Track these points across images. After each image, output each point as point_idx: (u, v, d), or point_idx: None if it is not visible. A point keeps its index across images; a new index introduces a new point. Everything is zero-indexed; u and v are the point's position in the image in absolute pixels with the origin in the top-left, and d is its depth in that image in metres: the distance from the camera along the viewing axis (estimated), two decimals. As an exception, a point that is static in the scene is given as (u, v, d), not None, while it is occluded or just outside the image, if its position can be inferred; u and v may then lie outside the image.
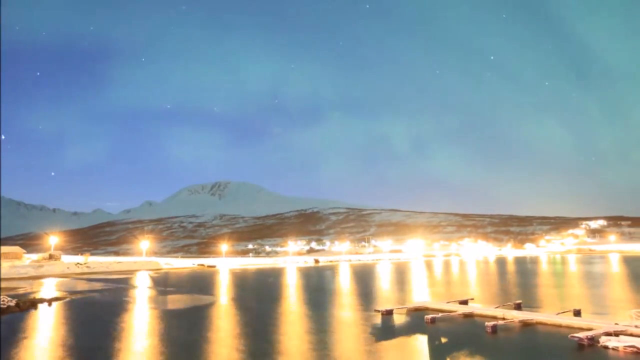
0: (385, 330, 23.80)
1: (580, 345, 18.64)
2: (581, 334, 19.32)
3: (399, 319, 27.42)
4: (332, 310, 32.52)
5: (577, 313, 26.84)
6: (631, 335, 19.52)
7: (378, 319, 27.11)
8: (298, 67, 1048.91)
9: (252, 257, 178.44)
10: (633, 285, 47.25)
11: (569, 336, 19.65)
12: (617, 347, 17.87)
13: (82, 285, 57.50)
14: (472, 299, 35.14)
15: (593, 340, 18.90)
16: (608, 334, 19.58)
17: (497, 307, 29.31)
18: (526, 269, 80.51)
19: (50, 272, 79.71)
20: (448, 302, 32.66)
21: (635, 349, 17.42)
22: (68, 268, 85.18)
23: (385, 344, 20.45)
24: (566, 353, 18.12)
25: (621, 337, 19.00)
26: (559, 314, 26.20)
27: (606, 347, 18.13)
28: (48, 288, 53.86)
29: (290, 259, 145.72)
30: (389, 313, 28.75)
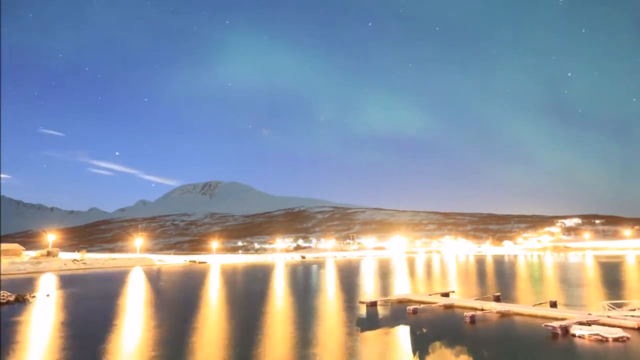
0: (370, 321, 24.62)
1: (554, 334, 19.61)
2: (555, 324, 20.34)
3: (382, 310, 28.31)
4: (318, 301, 33.32)
5: (553, 304, 27.92)
6: (604, 324, 20.58)
7: (363, 310, 28.00)
8: (287, 68, 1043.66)
9: (242, 254, 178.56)
10: (606, 280, 48.84)
11: (543, 325, 20.71)
12: (583, 335, 19.01)
13: (78, 281, 58.19)
14: (453, 291, 36.22)
15: (566, 329, 19.89)
16: (581, 323, 20.63)
17: (476, 299, 30.34)
18: (505, 265, 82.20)
19: (48, 268, 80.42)
20: (430, 295, 33.71)
21: (599, 337, 18.57)
22: (65, 264, 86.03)
23: (370, 333, 21.23)
24: (539, 340, 19.10)
25: (593, 326, 20.03)
26: (535, 305, 27.31)
27: (574, 335, 19.25)
28: (46, 283, 54.20)
29: (278, 255, 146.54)
30: (373, 305, 29.65)
